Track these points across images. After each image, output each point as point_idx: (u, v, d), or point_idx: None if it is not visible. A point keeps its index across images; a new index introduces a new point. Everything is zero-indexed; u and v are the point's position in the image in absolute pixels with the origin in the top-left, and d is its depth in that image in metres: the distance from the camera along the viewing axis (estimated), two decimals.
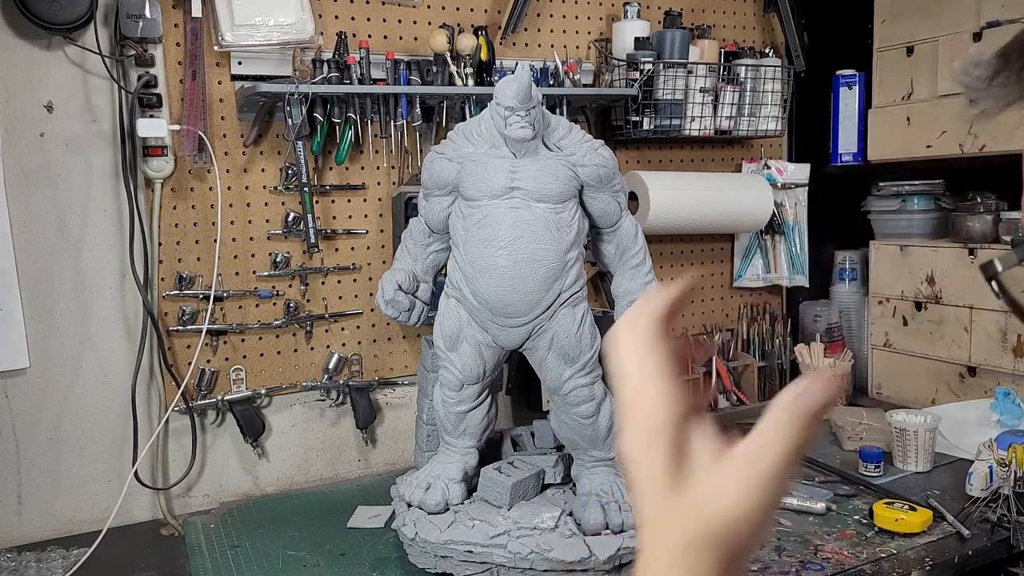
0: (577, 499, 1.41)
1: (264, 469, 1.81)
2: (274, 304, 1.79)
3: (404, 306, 1.46)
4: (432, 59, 1.80)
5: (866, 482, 1.70)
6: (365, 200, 1.86)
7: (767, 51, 2.22)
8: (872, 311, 2.29)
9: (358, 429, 1.86)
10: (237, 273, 1.75)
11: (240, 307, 1.76)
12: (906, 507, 1.49)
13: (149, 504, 1.71)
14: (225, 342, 1.75)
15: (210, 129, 1.68)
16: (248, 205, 1.75)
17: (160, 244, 1.67)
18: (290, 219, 1.77)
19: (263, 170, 1.76)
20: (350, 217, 1.85)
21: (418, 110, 1.76)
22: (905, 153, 2.15)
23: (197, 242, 1.71)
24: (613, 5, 2.08)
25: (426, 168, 1.45)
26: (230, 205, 1.73)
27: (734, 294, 2.38)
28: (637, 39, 1.98)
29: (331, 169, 1.82)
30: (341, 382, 1.85)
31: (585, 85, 2.02)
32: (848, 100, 2.28)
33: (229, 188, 1.73)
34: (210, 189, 1.71)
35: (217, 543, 1.52)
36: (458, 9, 1.91)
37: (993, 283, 0.56)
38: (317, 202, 1.79)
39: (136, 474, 1.62)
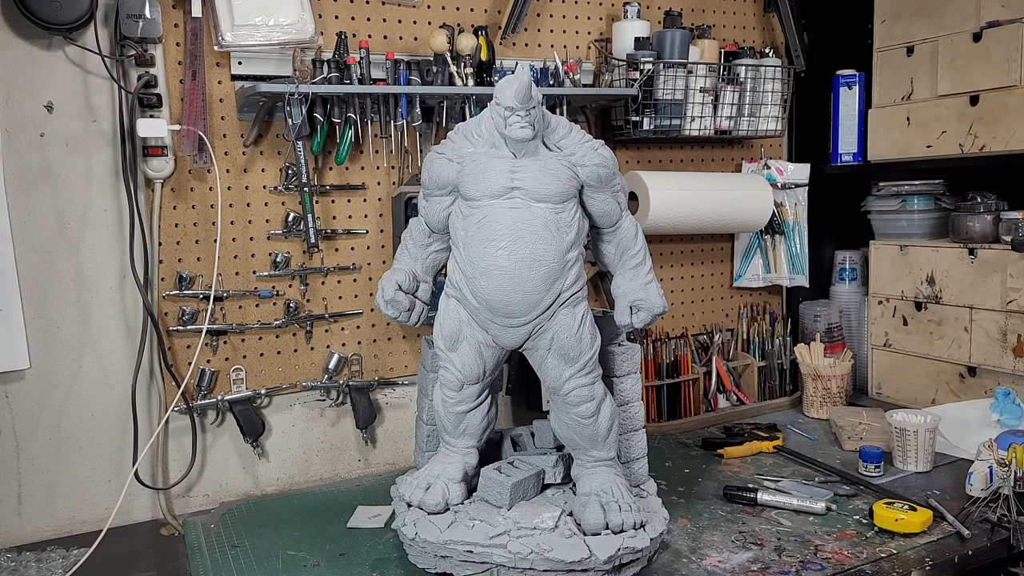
0: (577, 499, 1.41)
1: (264, 469, 1.81)
2: (274, 304, 1.79)
3: (404, 306, 1.46)
4: (432, 59, 1.80)
5: (866, 482, 1.70)
6: (365, 200, 1.86)
7: (767, 51, 2.22)
8: (872, 311, 2.29)
9: (358, 429, 1.87)
10: (237, 273, 1.75)
11: (240, 307, 1.76)
12: (906, 507, 1.49)
13: (149, 504, 1.71)
14: (225, 342, 1.75)
15: (210, 129, 1.68)
16: (248, 205, 1.75)
17: (160, 244, 1.67)
18: (290, 219, 1.77)
19: (263, 170, 1.76)
20: (350, 217, 1.85)
21: (418, 110, 1.76)
22: (905, 153, 2.15)
23: (197, 242, 1.71)
24: (613, 5, 2.08)
25: (426, 168, 1.45)
26: (230, 205, 1.73)
27: (734, 294, 2.38)
28: (637, 39, 1.98)
29: (331, 169, 1.82)
30: (341, 382, 1.85)
31: (585, 85, 2.02)
32: (848, 100, 2.29)
33: (229, 188, 1.73)
34: (210, 189, 1.71)
35: (217, 543, 1.52)
36: (458, 9, 1.91)
37: None
38: (317, 202, 1.79)
39: (136, 474, 1.63)
